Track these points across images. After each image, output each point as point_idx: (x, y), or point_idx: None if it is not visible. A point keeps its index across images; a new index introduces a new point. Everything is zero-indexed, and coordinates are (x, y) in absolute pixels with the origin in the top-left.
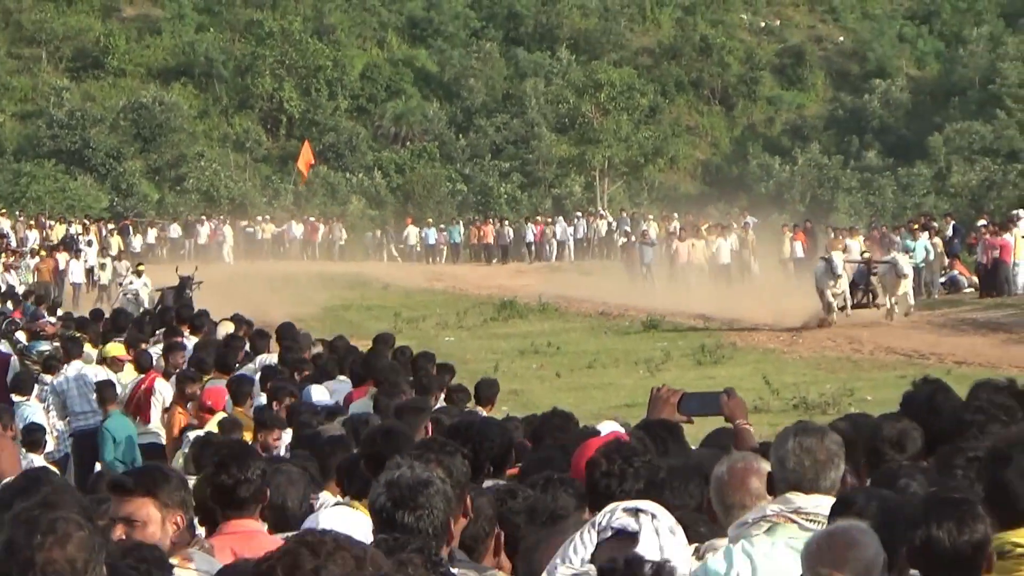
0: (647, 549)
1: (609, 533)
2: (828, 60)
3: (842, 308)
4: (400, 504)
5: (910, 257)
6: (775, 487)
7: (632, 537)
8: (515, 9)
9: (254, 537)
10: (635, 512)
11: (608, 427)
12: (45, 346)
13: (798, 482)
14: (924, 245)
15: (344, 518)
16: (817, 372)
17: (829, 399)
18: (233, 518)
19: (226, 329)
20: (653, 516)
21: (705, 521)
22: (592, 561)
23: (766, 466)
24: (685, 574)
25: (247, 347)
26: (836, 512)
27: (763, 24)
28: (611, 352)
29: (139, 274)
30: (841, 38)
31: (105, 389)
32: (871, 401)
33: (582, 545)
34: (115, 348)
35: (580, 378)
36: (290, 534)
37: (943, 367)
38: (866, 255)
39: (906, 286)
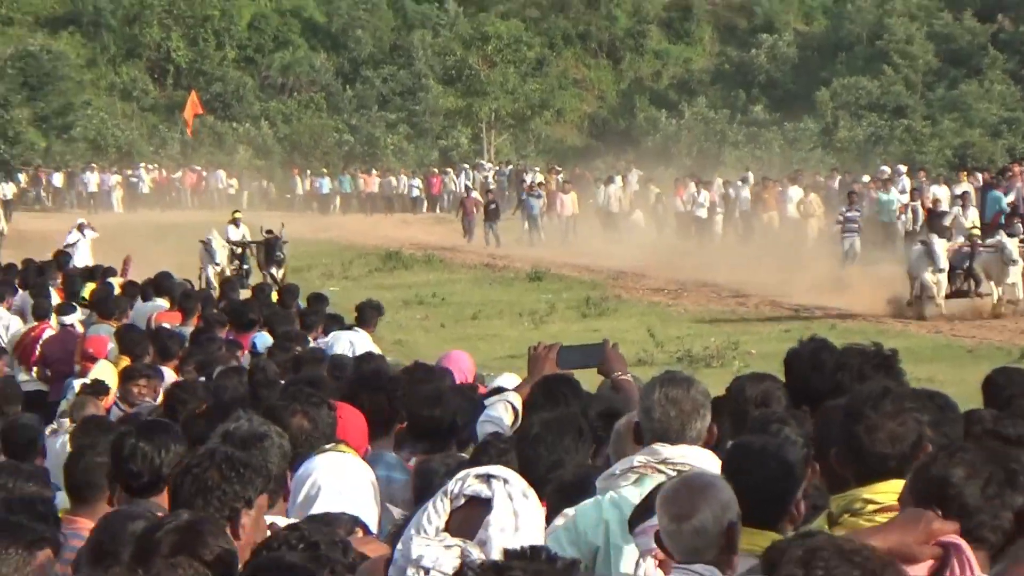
0: (501, 514)
1: (462, 500)
2: (716, 14)
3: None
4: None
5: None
6: (642, 437)
7: (485, 503)
8: None
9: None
10: (487, 478)
11: (509, 380)
12: None
13: (664, 432)
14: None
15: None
16: (702, 326)
17: (714, 352)
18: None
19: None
20: (505, 481)
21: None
22: (446, 528)
23: None
24: (539, 535)
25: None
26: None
27: None
28: (496, 303)
29: (236, 223)
30: None
31: None
32: (755, 355)
33: (435, 514)
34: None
35: (465, 329)
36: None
37: (827, 322)
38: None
39: (1015, 275)
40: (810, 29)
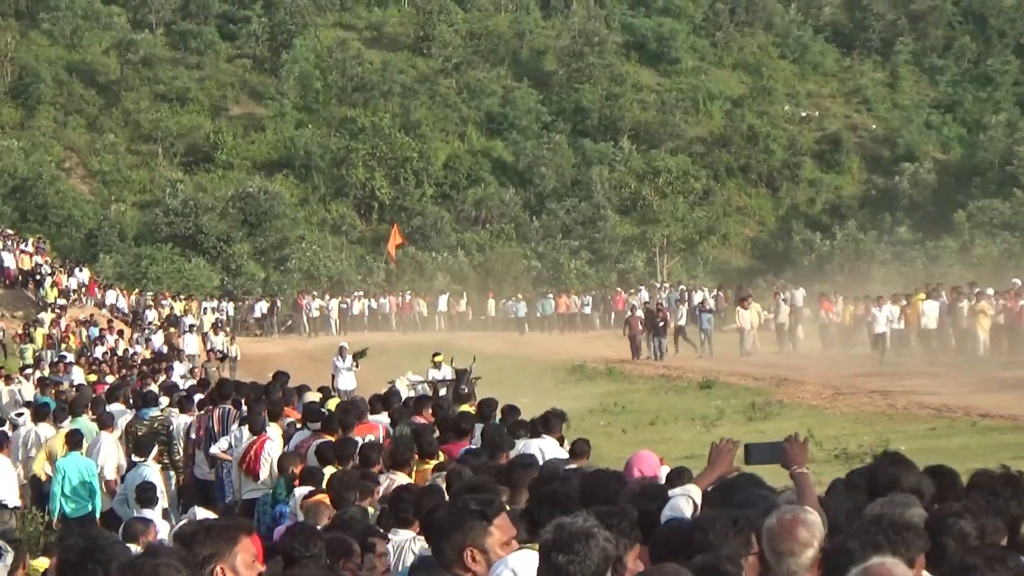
0: None
1: None
2: (862, 146)
3: None
4: (558, 546)
5: None
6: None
7: None
8: (581, 104)
9: None
10: None
11: (690, 490)
12: (155, 412)
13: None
14: None
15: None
16: (856, 425)
17: (867, 449)
18: None
19: (312, 398)
20: None
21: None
22: None
23: (813, 517)
24: None
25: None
26: None
27: (803, 114)
28: (671, 410)
29: (437, 365)
30: (874, 126)
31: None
32: (904, 451)
33: None
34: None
35: (643, 434)
36: None
37: (968, 420)
38: None
39: None
40: (947, 157)
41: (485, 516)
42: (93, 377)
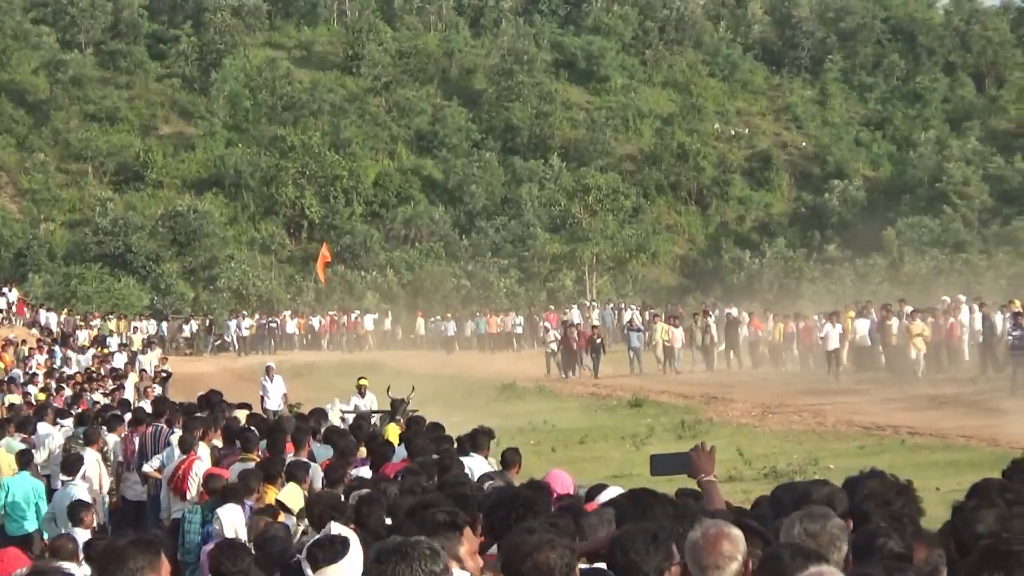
0: None
1: None
2: (792, 163)
3: None
4: (376, 558)
5: None
6: None
7: None
8: (511, 122)
9: None
10: None
11: (612, 492)
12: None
13: None
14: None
15: None
16: (785, 443)
17: (796, 468)
18: None
19: (241, 416)
20: None
21: None
22: None
23: (736, 531)
24: None
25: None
26: None
27: (733, 132)
28: (601, 428)
29: (361, 391)
30: (803, 143)
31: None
32: (833, 469)
33: None
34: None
35: (573, 452)
36: None
37: (898, 438)
38: None
39: None
40: (877, 174)
41: (456, 526)
42: (42, 396)
